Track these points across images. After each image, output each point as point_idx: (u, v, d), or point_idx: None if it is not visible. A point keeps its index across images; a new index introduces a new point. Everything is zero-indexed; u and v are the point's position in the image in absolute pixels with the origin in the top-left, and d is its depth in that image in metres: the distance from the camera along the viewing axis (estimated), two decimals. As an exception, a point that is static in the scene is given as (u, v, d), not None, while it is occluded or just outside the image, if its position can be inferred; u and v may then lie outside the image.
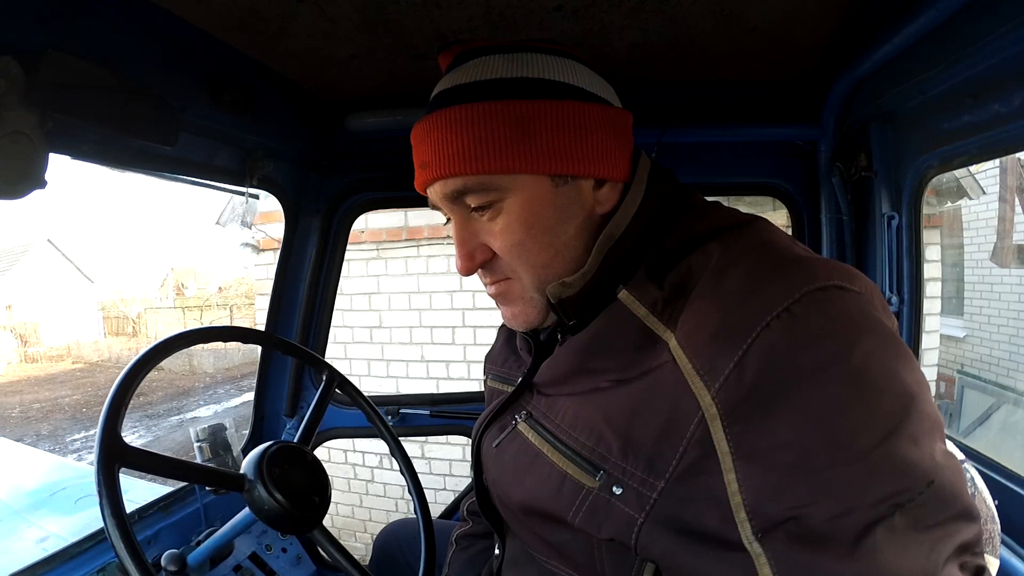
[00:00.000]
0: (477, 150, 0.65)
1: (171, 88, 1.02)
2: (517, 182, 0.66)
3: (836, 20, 1.07)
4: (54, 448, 8.74)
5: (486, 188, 0.67)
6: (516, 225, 0.68)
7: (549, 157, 0.66)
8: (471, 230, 0.71)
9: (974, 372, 6.33)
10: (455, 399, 1.80)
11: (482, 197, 0.67)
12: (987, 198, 6.37)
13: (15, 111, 0.74)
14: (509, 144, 0.65)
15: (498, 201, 0.68)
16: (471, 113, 0.65)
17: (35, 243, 25.12)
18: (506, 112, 0.65)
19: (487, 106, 0.65)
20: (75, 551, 1.14)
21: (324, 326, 1.72)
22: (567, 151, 0.66)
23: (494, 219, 0.69)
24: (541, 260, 0.70)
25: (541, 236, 0.68)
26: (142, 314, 24.71)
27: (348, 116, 1.44)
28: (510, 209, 0.68)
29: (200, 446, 1.38)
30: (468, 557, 1.07)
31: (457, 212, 0.71)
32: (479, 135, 0.65)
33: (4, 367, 18.39)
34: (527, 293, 0.73)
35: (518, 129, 0.65)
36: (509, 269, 0.72)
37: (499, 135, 0.65)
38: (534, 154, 0.65)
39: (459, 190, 0.68)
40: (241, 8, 0.97)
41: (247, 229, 3.53)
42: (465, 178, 0.67)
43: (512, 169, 0.65)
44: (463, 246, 0.71)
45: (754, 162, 1.52)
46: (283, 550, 1.43)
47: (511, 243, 0.69)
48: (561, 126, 0.66)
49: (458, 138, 0.65)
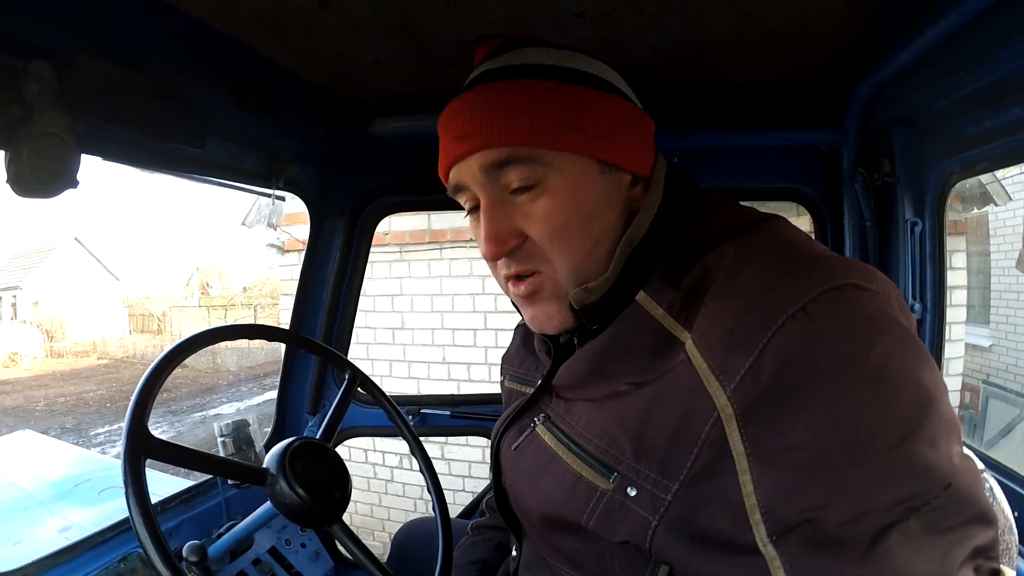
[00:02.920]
0: (530, 120, 0.64)
1: (198, 91, 1.05)
2: (566, 162, 0.66)
3: (857, 23, 1.06)
4: (78, 441, 8.85)
5: (535, 161, 0.65)
6: (560, 207, 0.66)
7: (600, 142, 0.66)
8: (504, 212, 0.67)
9: (999, 382, 6.20)
10: (475, 400, 1.81)
11: (527, 171, 0.65)
12: (1014, 204, 6.23)
13: (48, 114, 0.76)
14: (563, 122, 0.65)
15: (542, 181, 0.66)
16: (527, 85, 0.66)
17: (63, 241, 25.56)
18: (562, 92, 0.66)
19: (544, 83, 0.66)
20: (98, 540, 1.16)
21: (347, 326, 1.74)
22: (615, 141, 0.67)
23: (535, 200, 0.66)
24: (581, 247, 0.67)
25: (584, 222, 0.67)
26: (167, 312, 25.04)
27: (373, 120, 1.45)
28: (556, 189, 0.66)
29: (224, 441, 1.40)
30: (473, 543, 1.10)
31: (489, 191, 0.68)
32: (535, 108, 0.65)
33: (30, 362, 18.71)
34: (560, 289, 0.70)
35: (572, 110, 0.65)
36: (542, 259, 0.69)
37: (554, 111, 0.65)
38: (586, 136, 0.65)
39: (504, 160, 0.65)
40: (267, 13, 0.99)
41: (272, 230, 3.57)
42: (515, 148, 0.65)
43: (564, 146, 0.65)
44: (493, 228, 0.67)
45: (776, 167, 1.50)
46: (302, 545, 1.45)
47: (553, 227, 0.66)
48: (609, 117, 0.67)
49: (512, 107, 0.65)
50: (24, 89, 0.74)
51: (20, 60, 0.73)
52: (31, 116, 0.75)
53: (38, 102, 0.75)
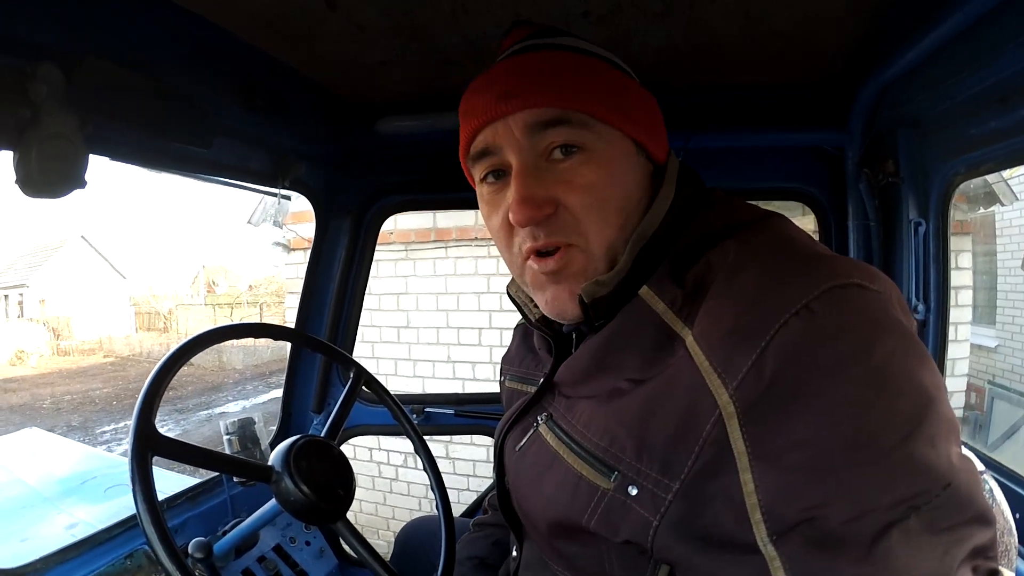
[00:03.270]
0: (585, 90, 0.66)
1: (205, 92, 1.05)
2: (611, 136, 0.67)
3: (862, 24, 1.06)
4: (84, 439, 8.90)
5: (584, 126, 0.65)
6: (604, 178, 0.66)
7: (638, 124, 0.69)
8: (540, 177, 0.65)
9: (1005, 383, 6.16)
10: (480, 399, 1.81)
11: (577, 134, 0.65)
12: (1020, 204, 6.19)
13: (56, 114, 0.77)
14: (610, 97, 0.67)
15: (590, 147, 0.65)
16: (576, 60, 0.69)
17: (69, 239, 25.70)
18: (605, 71, 0.70)
19: (589, 59, 0.69)
20: (104, 537, 1.17)
21: (352, 325, 1.75)
22: (647, 126, 0.70)
23: (579, 167, 0.65)
24: (617, 221, 0.67)
25: (620, 197, 0.67)
26: (173, 310, 25.15)
27: (378, 120, 1.46)
28: (602, 158, 0.66)
29: (229, 439, 1.41)
30: (472, 539, 1.11)
31: (527, 153, 0.66)
32: (586, 77, 0.67)
33: (37, 360, 18.82)
34: (591, 264, 0.67)
35: (615, 88, 0.69)
36: (574, 230, 0.66)
37: (602, 85, 0.68)
38: (628, 116, 0.68)
39: (555, 119, 0.64)
40: (273, 14, 1.00)
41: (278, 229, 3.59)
42: (566, 110, 0.64)
43: (611, 120, 0.66)
44: (529, 190, 0.64)
45: (781, 167, 1.50)
46: (307, 543, 1.45)
47: (595, 197, 0.65)
48: (642, 104, 0.71)
49: (566, 72, 0.67)
50: (32, 91, 0.74)
51: (28, 63, 0.74)
52: (39, 118, 0.76)
53: (46, 104, 0.76)
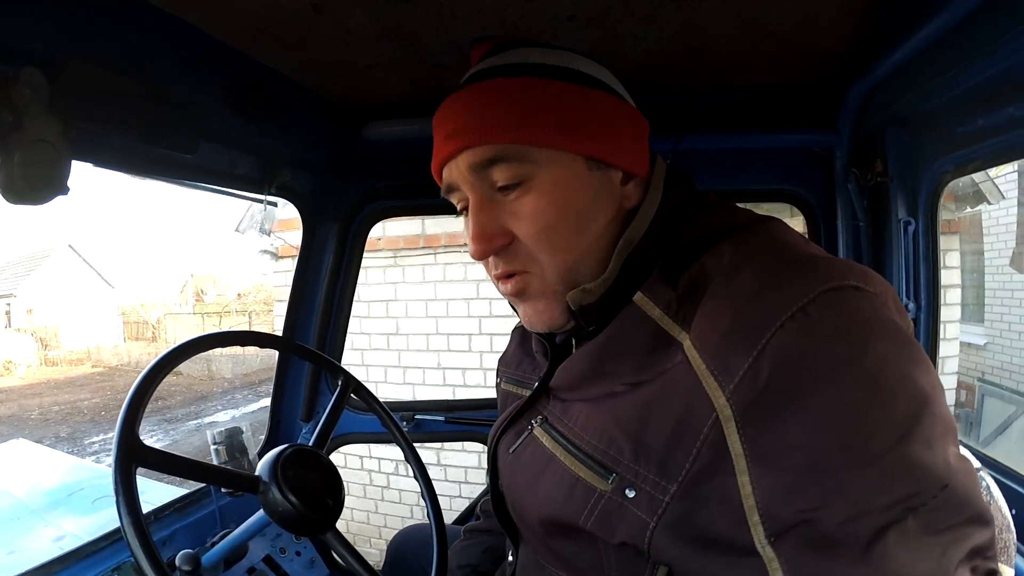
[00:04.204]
0: (517, 119, 0.64)
1: (191, 97, 1.04)
2: (552, 159, 0.65)
3: (851, 25, 1.07)
4: (73, 450, 8.81)
5: (521, 159, 0.65)
6: (548, 205, 0.66)
7: (587, 139, 0.66)
8: (492, 211, 0.67)
9: (995, 380, 6.23)
10: (471, 405, 1.80)
11: (514, 169, 0.65)
12: (1007, 202, 6.27)
13: (39, 119, 0.76)
14: (549, 118, 0.65)
15: (529, 178, 0.65)
16: (513, 84, 0.66)
17: (56, 248, 25.45)
18: (548, 89, 0.66)
19: (530, 81, 0.66)
20: (90, 550, 1.15)
21: (341, 332, 1.74)
22: (604, 137, 0.67)
23: (522, 198, 0.66)
24: (569, 245, 0.67)
25: (573, 220, 0.66)
26: (162, 319, 24.92)
27: (366, 125, 1.45)
28: (542, 187, 0.66)
29: (217, 448, 1.40)
30: (464, 546, 1.10)
31: (478, 189, 0.68)
32: (520, 105, 0.65)
33: (24, 370, 18.60)
34: (549, 287, 0.69)
35: (558, 107, 0.65)
36: (529, 258, 0.69)
37: (540, 108, 0.65)
38: (573, 132, 0.65)
39: (490, 159, 0.65)
40: (260, 19, 0.99)
41: (266, 236, 3.57)
42: (501, 146, 0.65)
43: (550, 143, 0.65)
44: (481, 227, 0.67)
45: (770, 168, 1.51)
46: (297, 553, 1.44)
47: (540, 226, 0.66)
48: (597, 113, 0.67)
49: (498, 106, 0.65)
50: (15, 95, 0.73)
51: (11, 67, 0.73)
52: (22, 122, 0.74)
53: (29, 108, 0.75)
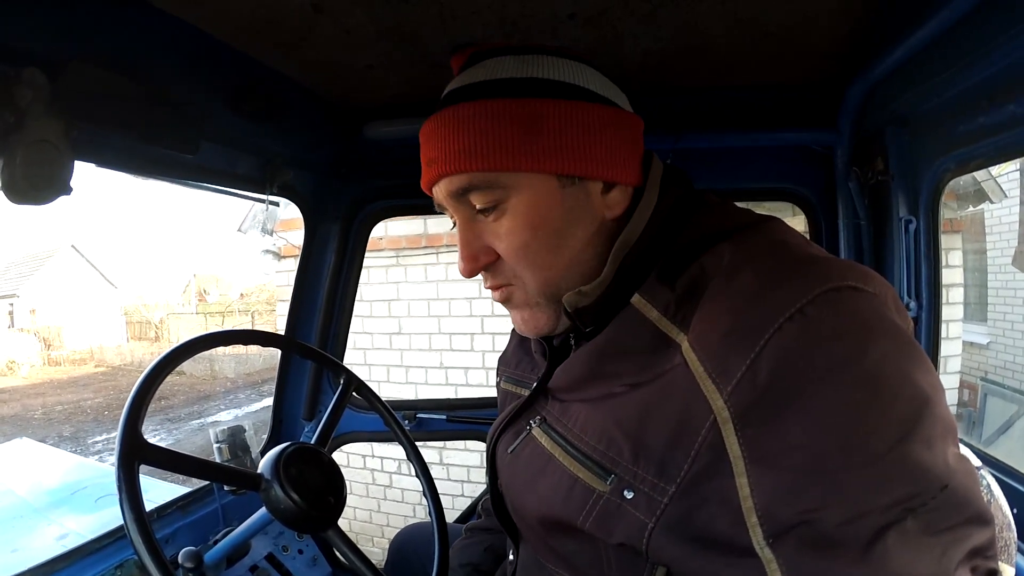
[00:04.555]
0: (483, 147, 0.64)
1: (192, 97, 1.05)
2: (523, 181, 0.66)
3: (850, 24, 1.07)
4: (76, 449, 8.82)
5: (491, 185, 0.66)
6: (521, 227, 0.67)
7: (556, 156, 0.65)
8: (475, 231, 0.70)
9: (998, 379, 6.21)
10: (472, 404, 1.81)
11: (487, 195, 0.67)
12: (1009, 201, 6.25)
13: (41, 120, 0.76)
14: (515, 141, 0.64)
15: (503, 201, 0.67)
16: (478, 110, 0.65)
17: (59, 248, 25.49)
18: (513, 110, 0.65)
19: (494, 104, 0.65)
20: (94, 547, 1.16)
21: (343, 331, 1.74)
22: (574, 151, 0.66)
23: (499, 220, 0.68)
24: (547, 263, 0.68)
25: (547, 238, 0.67)
26: (164, 319, 24.93)
27: (367, 124, 1.45)
28: (515, 210, 0.67)
29: (219, 447, 1.40)
30: (465, 545, 1.10)
31: (461, 212, 0.70)
32: (486, 131, 0.64)
33: (27, 370, 18.64)
34: (531, 299, 0.72)
35: (525, 127, 0.64)
36: (512, 274, 0.71)
37: (506, 132, 0.64)
38: (540, 152, 0.65)
39: (464, 187, 0.67)
40: (260, 19, 0.99)
41: (268, 236, 3.57)
42: (470, 175, 0.66)
43: (518, 167, 0.65)
44: (466, 247, 0.70)
45: (771, 167, 1.51)
46: (299, 552, 1.44)
47: (516, 245, 0.68)
48: (569, 125, 0.65)
49: (464, 135, 0.65)
50: (17, 96, 0.74)
51: (13, 67, 0.73)
52: (24, 122, 0.75)
53: (31, 108, 0.75)
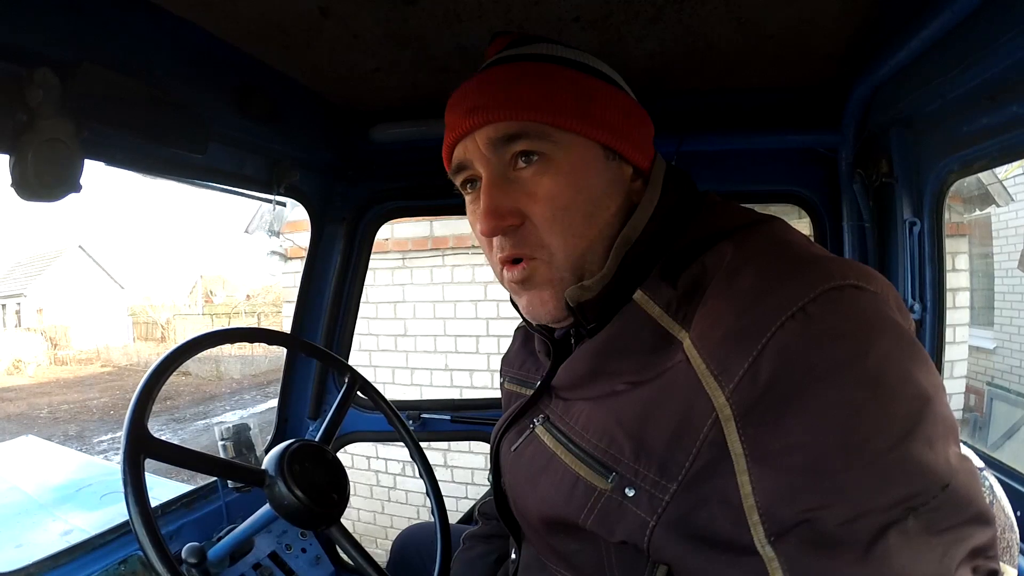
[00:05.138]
0: (542, 99, 0.66)
1: (201, 99, 1.06)
2: (572, 143, 0.67)
3: (853, 26, 1.07)
4: (81, 448, 8.83)
5: (543, 137, 0.66)
6: (565, 187, 0.67)
7: (606, 128, 0.68)
8: (505, 189, 0.68)
9: (1004, 384, 6.16)
10: (477, 405, 1.81)
11: (536, 145, 0.66)
12: (1016, 205, 6.20)
13: (52, 119, 0.78)
14: (572, 104, 0.67)
15: (549, 157, 0.67)
16: (538, 69, 0.69)
17: (67, 249, 25.67)
18: (570, 77, 0.69)
19: (554, 67, 0.69)
20: (98, 542, 1.16)
21: (348, 332, 1.74)
22: (618, 130, 0.69)
23: (539, 177, 0.67)
24: (581, 232, 0.68)
25: (585, 205, 0.67)
26: (171, 320, 25.07)
27: (373, 127, 1.47)
28: (560, 168, 0.67)
29: (224, 444, 1.41)
30: (467, 559, 1.09)
31: (495, 166, 0.69)
32: (545, 87, 0.67)
33: (34, 369, 18.74)
34: (556, 274, 0.69)
35: (580, 95, 0.68)
36: (538, 243, 0.68)
37: (564, 93, 0.67)
38: (594, 121, 0.67)
39: (514, 134, 0.66)
40: (268, 22, 1.00)
41: (275, 237, 3.59)
42: (525, 123, 0.66)
43: (572, 127, 0.67)
44: (494, 203, 0.67)
45: (774, 169, 1.51)
46: (302, 550, 1.44)
47: (556, 207, 0.67)
48: (613, 107, 0.70)
49: (524, 85, 0.67)
50: (29, 96, 0.75)
51: (25, 68, 0.75)
52: (35, 122, 0.76)
53: (42, 108, 0.76)
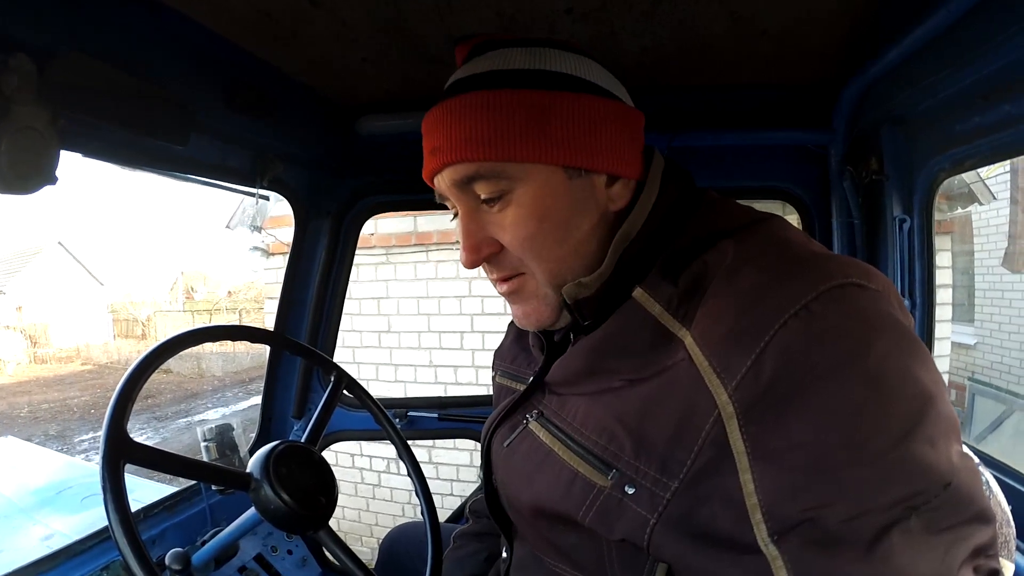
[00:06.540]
0: (491, 136, 0.63)
1: (184, 89, 1.03)
2: (530, 172, 0.65)
3: (847, 24, 1.07)
4: (62, 448, 8.77)
5: (498, 175, 0.65)
6: (527, 217, 0.66)
7: (564, 148, 0.65)
8: (479, 222, 0.69)
9: (985, 379, 6.28)
10: (463, 402, 1.80)
11: (493, 185, 0.66)
12: (997, 203, 6.33)
13: (27, 107, 0.75)
14: (524, 132, 0.63)
15: (508, 192, 0.66)
16: (487, 99, 0.65)
17: (46, 245, 25.27)
18: (523, 100, 0.64)
19: (504, 94, 0.65)
20: (79, 548, 1.14)
21: (333, 329, 1.73)
22: (581, 144, 0.65)
23: (504, 210, 0.67)
24: (554, 255, 0.68)
25: (553, 230, 0.67)
26: (152, 317, 24.81)
27: (360, 119, 1.44)
28: (521, 200, 0.66)
29: (207, 446, 1.38)
30: (458, 557, 1.08)
31: (465, 202, 0.69)
32: (494, 121, 0.64)
33: (13, 368, 18.51)
34: (540, 290, 0.71)
35: (534, 118, 0.64)
36: (519, 264, 0.70)
37: (514, 122, 0.63)
38: (549, 144, 0.64)
39: (469, 176, 0.66)
40: (255, 12, 0.98)
41: (256, 233, 3.56)
42: (477, 164, 0.65)
43: (526, 157, 0.64)
44: (469, 238, 0.69)
45: (765, 166, 1.51)
46: (289, 552, 1.42)
47: (522, 236, 0.67)
48: (576, 118, 0.65)
49: (472, 123, 0.64)
50: (3, 82, 0.72)
51: (0, 53, 0.72)
52: (10, 109, 0.73)
53: (17, 95, 0.73)
